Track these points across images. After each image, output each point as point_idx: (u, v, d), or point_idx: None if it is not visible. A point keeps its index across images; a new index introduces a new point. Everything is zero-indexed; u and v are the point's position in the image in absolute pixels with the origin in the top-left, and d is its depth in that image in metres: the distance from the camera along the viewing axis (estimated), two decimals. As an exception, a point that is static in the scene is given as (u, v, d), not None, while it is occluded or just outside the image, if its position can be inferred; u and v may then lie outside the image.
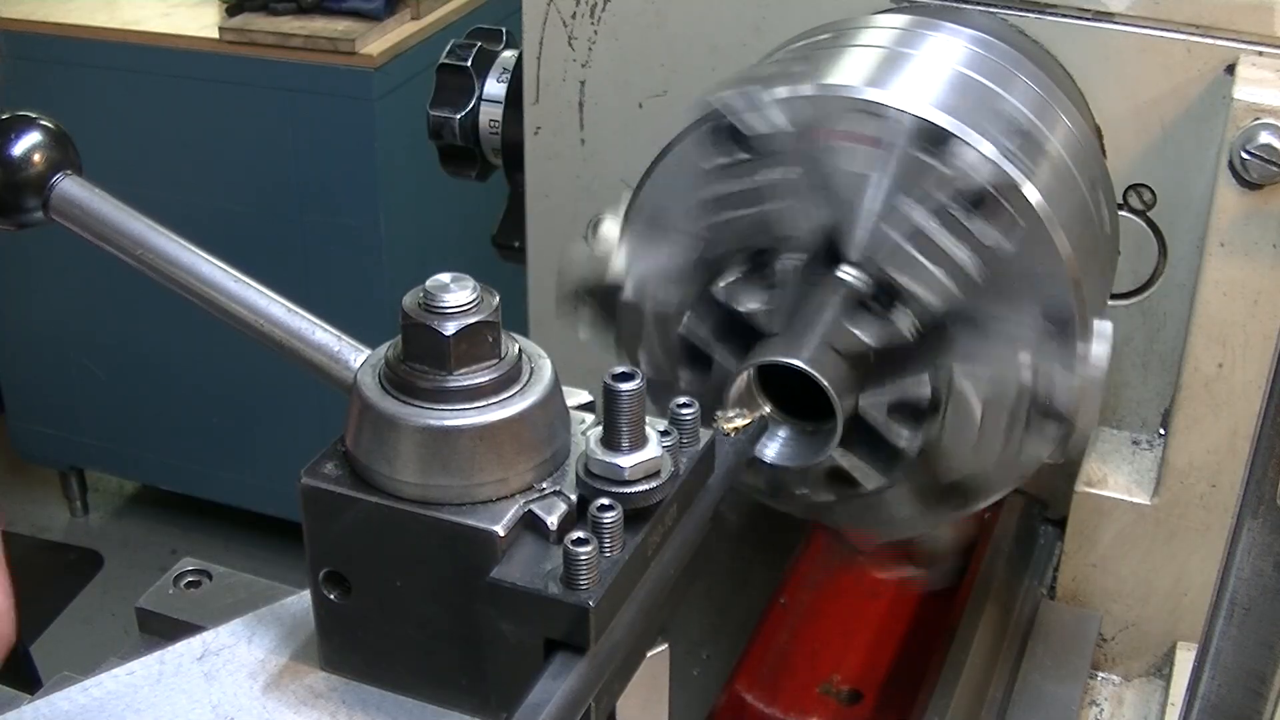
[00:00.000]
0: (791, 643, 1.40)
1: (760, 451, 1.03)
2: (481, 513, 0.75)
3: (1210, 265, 1.21)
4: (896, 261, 1.00)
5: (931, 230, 0.98)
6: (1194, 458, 1.28)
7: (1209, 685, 0.78)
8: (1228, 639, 0.76)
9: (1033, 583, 1.37)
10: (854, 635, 1.43)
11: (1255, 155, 1.14)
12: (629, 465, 0.75)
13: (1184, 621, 1.34)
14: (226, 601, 0.97)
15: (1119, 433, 1.34)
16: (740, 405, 1.04)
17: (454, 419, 0.74)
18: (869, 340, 1.01)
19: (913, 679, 1.28)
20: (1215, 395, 1.25)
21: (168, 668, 0.84)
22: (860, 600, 1.46)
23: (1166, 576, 1.33)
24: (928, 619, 1.43)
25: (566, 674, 0.73)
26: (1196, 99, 1.22)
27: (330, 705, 0.81)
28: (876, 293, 1.01)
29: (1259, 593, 0.74)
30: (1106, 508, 1.31)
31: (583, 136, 1.39)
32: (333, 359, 0.83)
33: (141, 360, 3.43)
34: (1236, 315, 1.22)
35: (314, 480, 0.77)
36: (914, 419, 1.02)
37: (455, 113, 1.46)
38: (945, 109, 1.02)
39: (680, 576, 0.82)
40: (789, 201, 1.02)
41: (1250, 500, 0.72)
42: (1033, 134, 1.10)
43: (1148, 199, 1.26)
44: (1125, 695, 1.37)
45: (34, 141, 0.90)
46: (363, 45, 2.93)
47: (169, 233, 0.89)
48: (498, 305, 0.77)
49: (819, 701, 1.35)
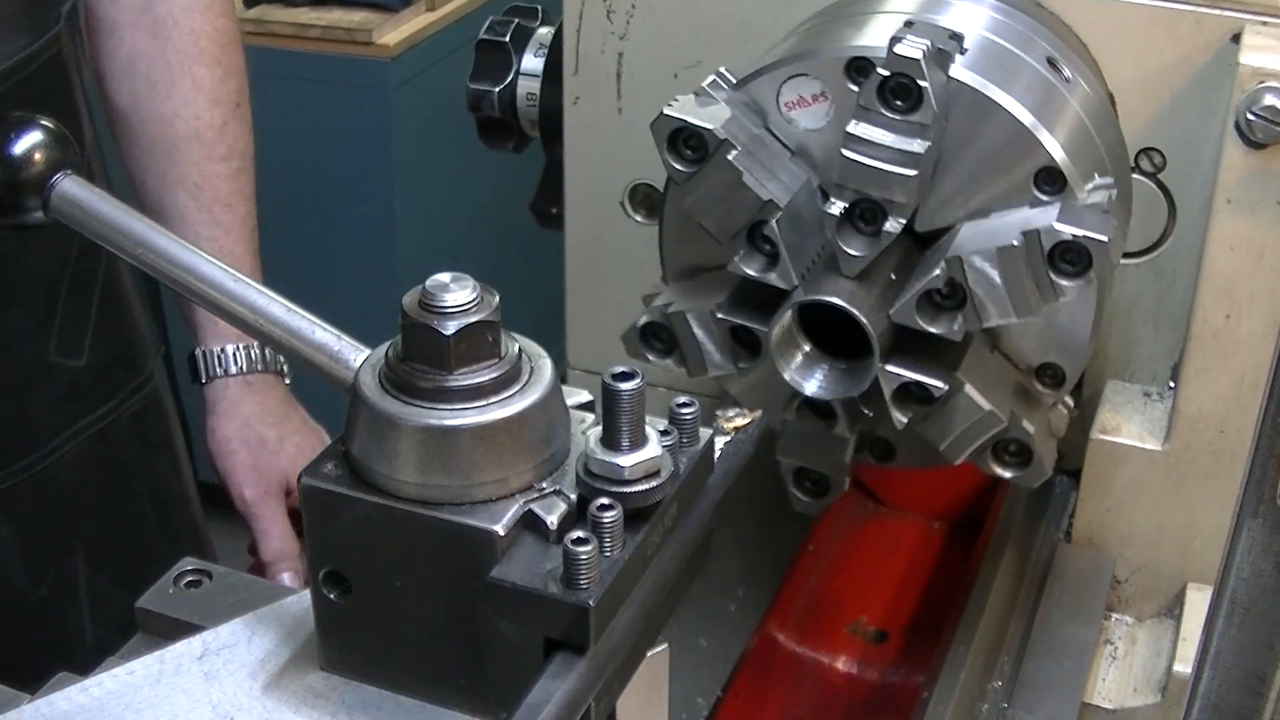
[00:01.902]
0: (820, 587, 1.45)
1: (802, 387, 1.07)
2: (481, 512, 0.73)
3: (1218, 222, 1.24)
4: (862, 178, 1.03)
5: (887, 139, 1.01)
6: (1203, 405, 1.30)
7: (1209, 685, 0.77)
8: (1228, 639, 0.75)
9: (1050, 528, 1.40)
10: (879, 580, 1.47)
11: (1260, 117, 1.18)
12: (629, 465, 0.74)
13: (1194, 564, 1.37)
14: (226, 601, 0.95)
15: (1131, 386, 1.37)
16: (783, 350, 1.09)
17: (454, 419, 0.73)
18: (863, 252, 1.04)
19: (936, 620, 1.32)
20: (1223, 345, 1.28)
21: (168, 667, 0.82)
22: (884, 549, 1.52)
23: (1177, 520, 1.36)
24: (950, 563, 1.48)
25: (566, 674, 0.71)
26: (1204, 67, 1.24)
27: (330, 705, 0.79)
28: (863, 213, 1.04)
29: (1259, 593, 0.73)
30: (1120, 454, 1.34)
31: (620, 106, 1.42)
32: (333, 358, 0.81)
33: None
34: (1243, 269, 1.25)
35: (314, 480, 0.76)
36: (946, 310, 1.04)
37: (494, 86, 1.48)
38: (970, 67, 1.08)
39: (680, 576, 0.80)
40: (755, 174, 1.06)
41: (1250, 500, 0.72)
42: (1053, 95, 1.13)
43: (1158, 162, 1.28)
44: (1138, 635, 1.39)
45: (34, 141, 0.89)
46: (379, 36, 2.98)
47: (169, 232, 0.88)
48: (498, 305, 0.76)
49: (847, 641, 1.41)
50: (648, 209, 1.45)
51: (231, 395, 1.61)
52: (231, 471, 1.63)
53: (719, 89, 1.15)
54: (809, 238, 1.11)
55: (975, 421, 1.10)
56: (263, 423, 1.60)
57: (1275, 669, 0.75)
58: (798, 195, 1.10)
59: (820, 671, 1.37)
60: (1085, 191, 1.08)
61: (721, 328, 1.14)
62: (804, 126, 1.13)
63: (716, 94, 1.13)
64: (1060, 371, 1.14)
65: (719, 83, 1.15)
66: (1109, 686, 1.34)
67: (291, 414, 1.63)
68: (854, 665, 1.37)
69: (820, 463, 1.18)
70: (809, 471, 1.19)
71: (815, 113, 1.13)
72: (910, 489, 1.53)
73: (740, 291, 1.13)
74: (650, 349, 1.18)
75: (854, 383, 1.08)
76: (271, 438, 1.60)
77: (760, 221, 1.08)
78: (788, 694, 1.36)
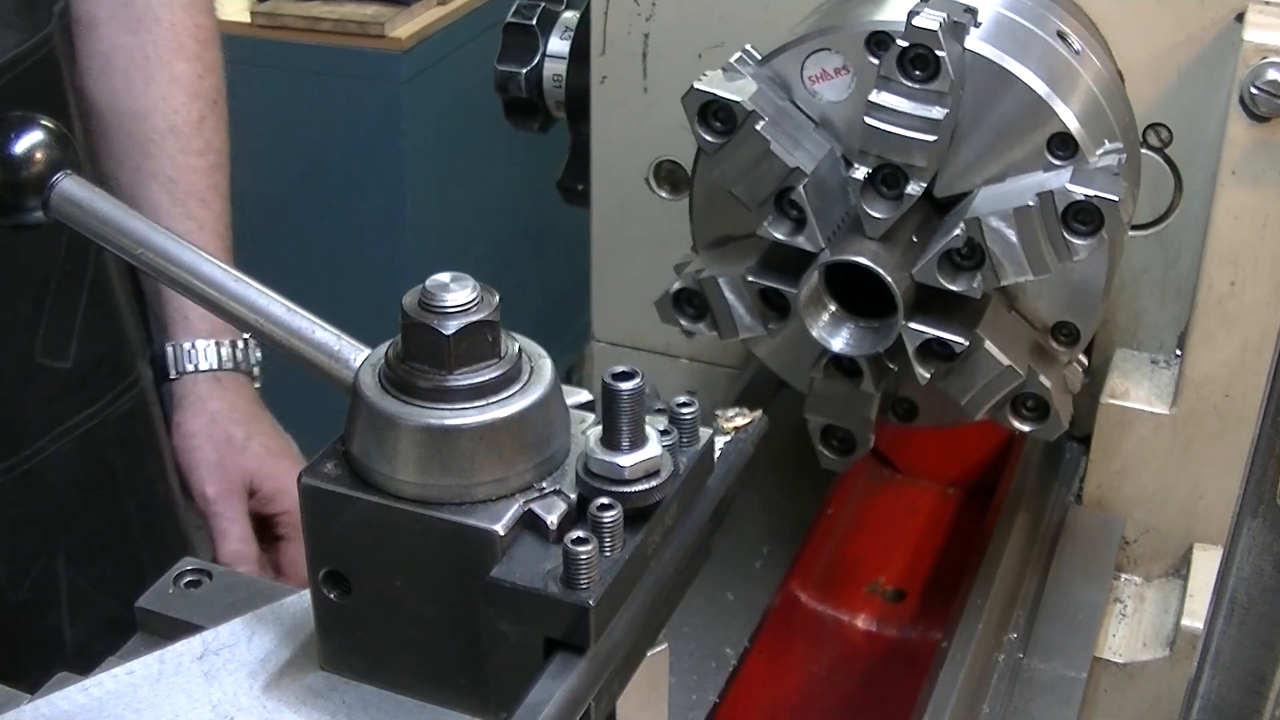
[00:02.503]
0: (839, 549, 1.41)
1: (829, 344, 1.09)
2: (481, 512, 0.71)
3: (1223, 193, 1.24)
4: (884, 144, 1.06)
5: (907, 107, 1.05)
6: (1209, 370, 1.30)
7: (1209, 685, 0.76)
8: (1228, 639, 0.74)
9: (1061, 491, 1.38)
10: (896, 542, 1.44)
11: (1263, 91, 1.19)
12: (629, 464, 0.72)
13: (1200, 525, 1.35)
14: (226, 601, 0.93)
15: (1139, 354, 1.36)
16: (811, 309, 1.11)
17: (454, 418, 0.71)
18: (886, 214, 1.07)
19: (952, 580, 1.29)
20: (1228, 311, 1.28)
21: (167, 667, 0.80)
22: (900, 513, 1.48)
23: (1184, 482, 1.34)
24: (964, 527, 1.44)
25: (566, 674, 0.69)
26: (1209, 45, 1.26)
27: (330, 705, 0.77)
28: (885, 178, 1.07)
29: (1259, 593, 0.72)
30: (1129, 418, 1.33)
31: (645, 85, 1.42)
32: (332, 358, 0.79)
33: None
34: (1247, 237, 1.25)
35: (313, 480, 0.73)
36: (966, 269, 1.07)
37: (521, 68, 1.46)
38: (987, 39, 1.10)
39: (680, 576, 0.78)
40: (782, 143, 1.09)
41: (1250, 500, 0.70)
42: (1064, 66, 1.15)
43: (1165, 137, 1.29)
44: (1146, 594, 1.37)
45: (34, 140, 0.86)
46: (391, 29, 2.96)
47: (169, 232, 0.85)
48: (498, 304, 0.73)
49: (866, 600, 1.39)
50: (672, 185, 1.44)
51: (200, 391, 1.54)
52: (195, 467, 1.55)
53: (745, 64, 1.12)
54: (833, 204, 1.10)
55: (995, 376, 1.10)
56: (230, 420, 1.53)
57: (1275, 669, 0.74)
58: (822, 164, 1.09)
59: (841, 629, 1.35)
60: (1096, 156, 1.07)
61: (751, 290, 1.14)
62: (827, 99, 1.13)
63: (743, 69, 1.11)
64: (1075, 330, 1.14)
65: (745, 59, 1.13)
66: (1119, 642, 1.32)
67: (260, 415, 1.55)
68: (873, 623, 1.36)
69: (846, 420, 1.18)
70: (836, 429, 1.18)
71: (838, 85, 1.12)
72: (925, 456, 1.51)
73: (769, 256, 1.13)
74: (682, 314, 1.18)
75: (879, 339, 1.09)
76: (238, 436, 1.53)
77: (787, 188, 1.08)
78: (809, 650, 1.33)
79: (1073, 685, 1.21)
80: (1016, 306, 1.16)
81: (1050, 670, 1.22)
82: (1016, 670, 1.22)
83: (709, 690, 1.20)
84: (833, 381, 1.15)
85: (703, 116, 1.11)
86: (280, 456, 1.49)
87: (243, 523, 1.50)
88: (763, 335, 1.17)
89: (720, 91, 1.10)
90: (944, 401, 1.17)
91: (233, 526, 1.50)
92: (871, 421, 1.17)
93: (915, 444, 1.51)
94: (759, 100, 1.10)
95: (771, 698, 1.31)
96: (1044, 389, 1.12)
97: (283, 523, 1.47)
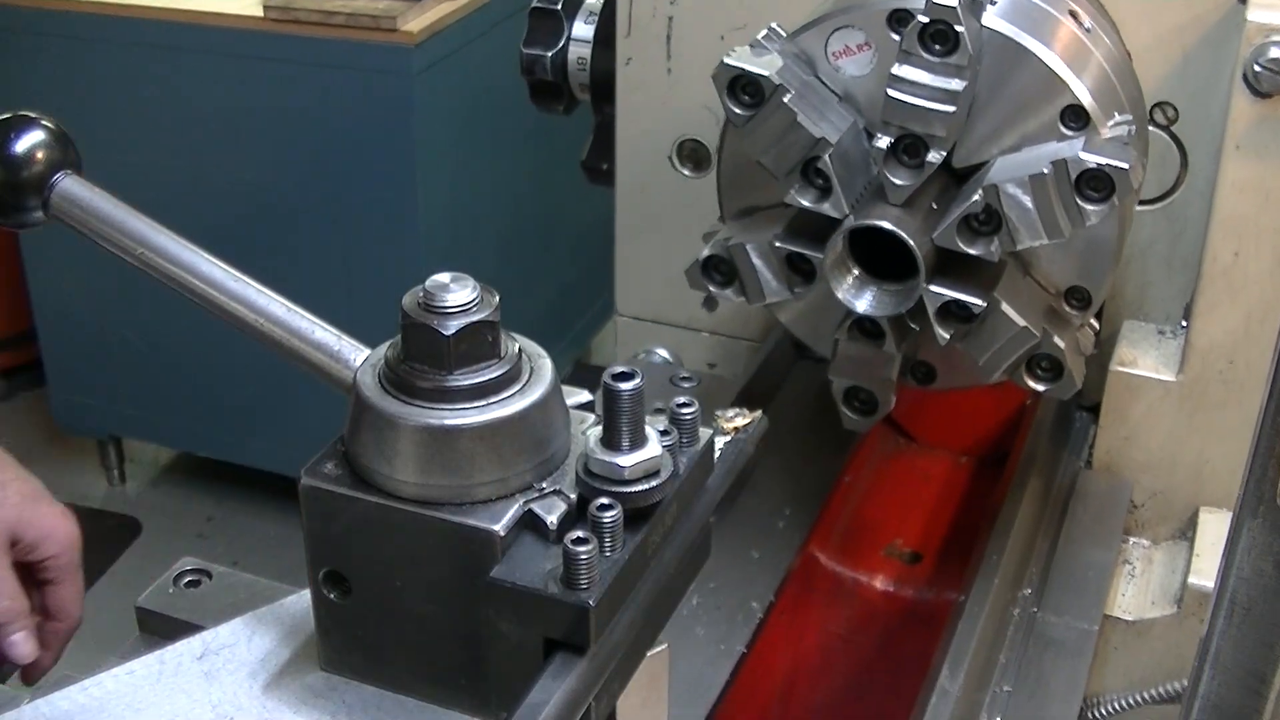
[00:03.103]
0: (857, 513, 1.40)
1: (854, 305, 1.13)
2: (481, 512, 0.71)
3: (1227, 167, 1.25)
4: (905, 115, 1.10)
5: (928, 79, 1.09)
6: (1213, 338, 1.30)
7: (1209, 685, 0.77)
8: (1228, 639, 0.74)
9: (1071, 457, 1.37)
10: (912, 508, 1.44)
11: (1266, 68, 1.21)
12: (629, 465, 0.71)
13: (1205, 488, 1.34)
14: (226, 601, 0.94)
15: (1146, 324, 1.36)
16: (836, 273, 1.14)
17: (453, 418, 0.70)
18: (908, 181, 1.10)
19: (967, 543, 1.30)
20: (1232, 281, 1.28)
21: (168, 667, 0.79)
22: (915, 480, 1.47)
23: (1190, 447, 1.32)
24: (977, 494, 1.43)
25: (566, 674, 0.69)
26: (1214, 27, 1.28)
27: (330, 705, 0.77)
28: (906, 147, 1.11)
29: (1259, 593, 0.72)
30: (1137, 385, 1.32)
31: (669, 67, 1.42)
32: (333, 358, 0.79)
33: (179, 330, 3.28)
34: (1250, 210, 1.25)
35: (314, 480, 0.73)
36: (983, 234, 1.11)
37: (546, 51, 1.46)
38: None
39: (680, 576, 0.78)
40: (808, 114, 1.12)
41: (1250, 500, 0.70)
42: (1076, 43, 1.17)
43: (1171, 115, 1.30)
44: (1154, 556, 1.37)
45: (34, 141, 0.86)
46: (403, 23, 2.91)
47: (168, 232, 0.83)
48: (497, 304, 0.72)
49: (884, 561, 1.38)
50: (694, 163, 1.43)
51: None
52: None
53: (772, 41, 1.12)
54: (856, 173, 1.10)
55: (1011, 337, 1.10)
56: None
57: (1275, 669, 0.74)
58: (846, 135, 1.09)
59: (859, 589, 1.34)
60: (1107, 127, 1.08)
61: (778, 255, 1.14)
62: (850, 74, 1.13)
63: (770, 45, 1.12)
64: (1087, 294, 1.14)
65: (771, 35, 1.12)
66: (1128, 600, 1.30)
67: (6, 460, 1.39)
68: (891, 584, 1.36)
69: (869, 381, 1.19)
70: (858, 390, 1.19)
71: (860, 61, 1.13)
72: (938, 427, 1.50)
73: (795, 222, 1.13)
74: (711, 280, 1.18)
75: (901, 301, 1.10)
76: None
77: (813, 158, 1.09)
78: (829, 610, 1.32)
79: (1085, 637, 1.18)
80: (1031, 273, 1.17)
81: (1063, 623, 1.20)
82: (1031, 623, 1.20)
83: (736, 641, 1.22)
84: (856, 343, 1.18)
85: (732, 90, 1.14)
86: (36, 500, 1.35)
87: (9, 578, 1.34)
88: (788, 300, 1.20)
89: (749, 66, 1.13)
90: (961, 365, 1.20)
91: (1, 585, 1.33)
92: (893, 382, 1.20)
93: (929, 415, 1.54)
94: (786, 75, 1.13)
95: (793, 655, 1.34)
96: (1058, 349, 1.15)
97: (50, 567, 1.33)
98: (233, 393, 3.28)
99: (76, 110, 3.06)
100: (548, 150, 3.38)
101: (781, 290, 1.14)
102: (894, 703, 1.14)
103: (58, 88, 3.05)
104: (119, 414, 3.51)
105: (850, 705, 1.24)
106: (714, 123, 1.29)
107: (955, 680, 1.05)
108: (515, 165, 3.23)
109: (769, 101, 1.09)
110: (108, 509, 3.61)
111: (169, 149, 3.09)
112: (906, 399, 1.25)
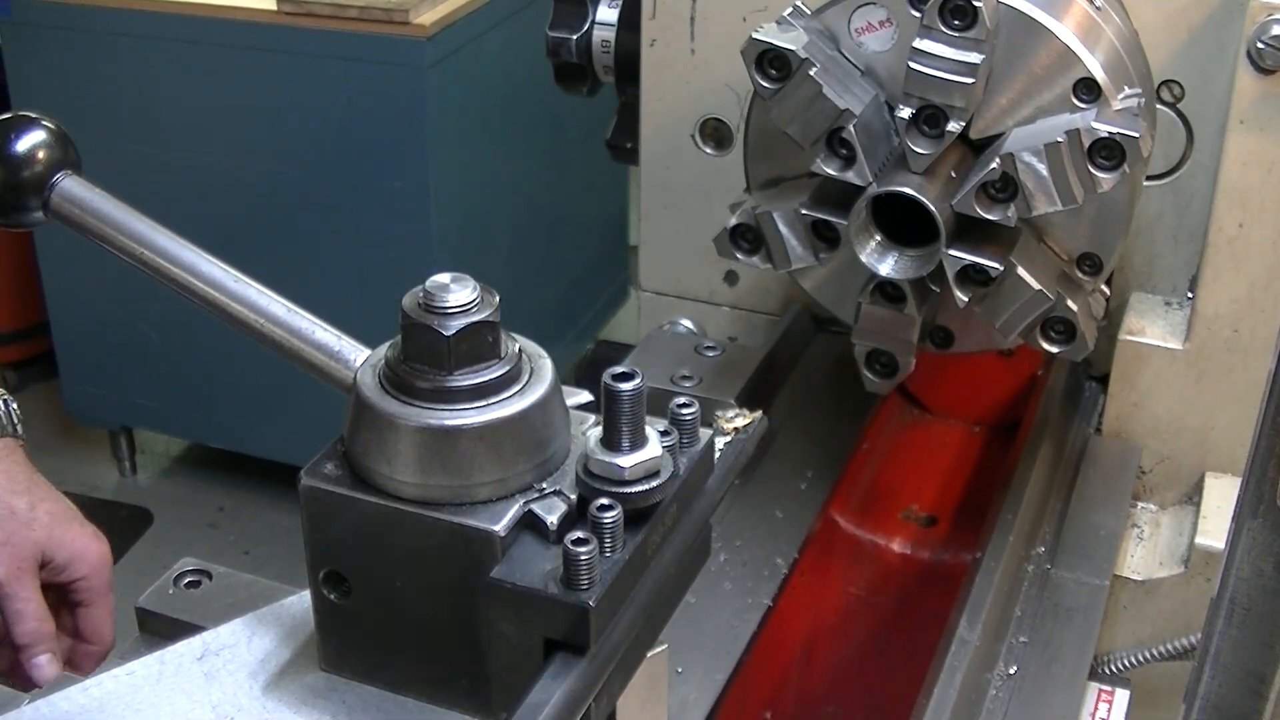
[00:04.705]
0: (874, 479, 1.44)
1: (877, 268, 1.18)
2: (481, 513, 0.71)
3: (1231, 141, 1.29)
4: (926, 87, 1.15)
5: (947, 53, 1.14)
6: (1219, 307, 1.34)
7: (1209, 685, 0.77)
8: (1228, 639, 0.75)
9: (1082, 424, 1.41)
10: (928, 474, 1.48)
11: (1269, 45, 1.26)
12: (629, 465, 0.72)
13: (1212, 454, 1.38)
14: (226, 601, 0.95)
15: (1153, 296, 1.41)
16: (861, 238, 1.19)
17: (454, 419, 0.71)
18: (929, 150, 1.15)
19: (980, 508, 1.33)
20: (1236, 252, 1.32)
21: (168, 667, 0.80)
22: (930, 448, 1.51)
23: (1196, 413, 1.37)
24: (990, 461, 1.47)
25: (566, 674, 0.69)
26: (1218, 5, 1.32)
27: (330, 705, 0.77)
28: (927, 119, 1.16)
29: (1259, 593, 0.73)
30: (1145, 353, 1.36)
31: (693, 47, 1.46)
32: (333, 358, 0.79)
33: (190, 321, 2.93)
34: (1253, 182, 1.30)
35: (314, 480, 0.73)
36: (1000, 201, 1.16)
37: (571, 34, 1.50)
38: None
39: (680, 576, 0.78)
40: (833, 87, 1.17)
41: (1250, 500, 0.70)
42: (1088, 19, 1.22)
43: (1177, 92, 1.34)
44: (1162, 520, 1.41)
45: (35, 141, 0.87)
46: (416, 16, 2.94)
47: (168, 232, 0.84)
48: (498, 305, 0.72)
49: (900, 525, 1.43)
50: (716, 141, 1.47)
51: None
52: None
53: (797, 18, 1.16)
54: (879, 143, 1.15)
55: (1026, 300, 1.15)
56: (10, 491, 1.35)
57: (1275, 669, 0.75)
58: (869, 107, 1.14)
59: (877, 552, 1.39)
60: (1118, 100, 1.12)
61: (804, 223, 1.18)
62: (872, 49, 1.17)
63: (795, 22, 1.16)
64: (1098, 260, 1.18)
65: (797, 12, 1.16)
66: (1137, 561, 1.34)
67: (37, 480, 1.37)
68: (908, 546, 1.41)
69: (890, 344, 1.24)
70: (880, 353, 1.23)
71: (882, 36, 1.17)
72: (952, 397, 1.55)
73: (820, 191, 1.18)
74: (738, 248, 1.23)
75: (922, 265, 1.14)
76: (22, 508, 1.34)
77: (838, 128, 1.14)
78: (848, 571, 1.36)
79: (1097, 592, 1.23)
80: (1045, 239, 1.23)
81: (1075, 579, 1.24)
82: (1045, 579, 1.26)
83: (763, 594, 1.28)
84: (878, 307, 1.24)
85: (759, 64, 1.20)
86: (67, 521, 1.34)
87: (37, 600, 1.33)
88: (812, 266, 1.25)
89: (776, 41, 1.19)
90: (978, 329, 1.27)
91: (27, 606, 1.33)
92: (913, 345, 1.26)
93: (944, 386, 1.61)
94: (811, 49, 1.19)
95: (814, 614, 1.40)
96: (1071, 312, 1.21)
97: (80, 589, 1.32)
98: (244, 383, 3.29)
99: (91, 103, 3.09)
100: (560, 140, 3.43)
101: (807, 256, 1.20)
102: (911, 660, 1.19)
103: (73, 82, 3.09)
104: (130, 405, 3.54)
105: (869, 662, 1.30)
106: (736, 102, 1.34)
107: (973, 630, 1.09)
108: (527, 155, 3.28)
109: (795, 74, 1.14)
110: (119, 500, 3.63)
111: (182, 141, 3.12)
112: (922, 372, 1.28)
